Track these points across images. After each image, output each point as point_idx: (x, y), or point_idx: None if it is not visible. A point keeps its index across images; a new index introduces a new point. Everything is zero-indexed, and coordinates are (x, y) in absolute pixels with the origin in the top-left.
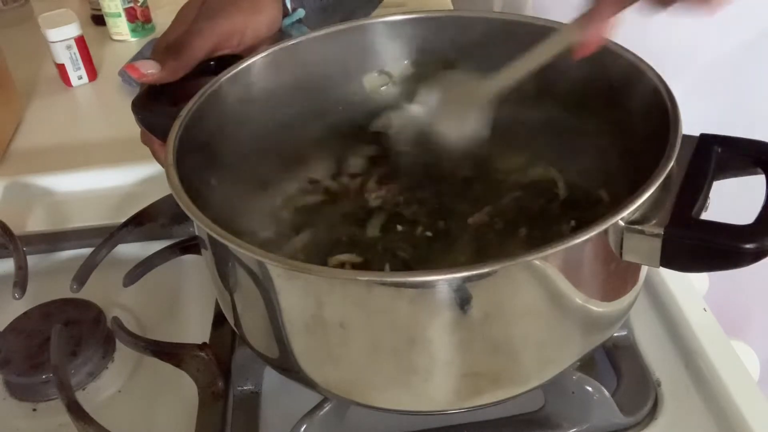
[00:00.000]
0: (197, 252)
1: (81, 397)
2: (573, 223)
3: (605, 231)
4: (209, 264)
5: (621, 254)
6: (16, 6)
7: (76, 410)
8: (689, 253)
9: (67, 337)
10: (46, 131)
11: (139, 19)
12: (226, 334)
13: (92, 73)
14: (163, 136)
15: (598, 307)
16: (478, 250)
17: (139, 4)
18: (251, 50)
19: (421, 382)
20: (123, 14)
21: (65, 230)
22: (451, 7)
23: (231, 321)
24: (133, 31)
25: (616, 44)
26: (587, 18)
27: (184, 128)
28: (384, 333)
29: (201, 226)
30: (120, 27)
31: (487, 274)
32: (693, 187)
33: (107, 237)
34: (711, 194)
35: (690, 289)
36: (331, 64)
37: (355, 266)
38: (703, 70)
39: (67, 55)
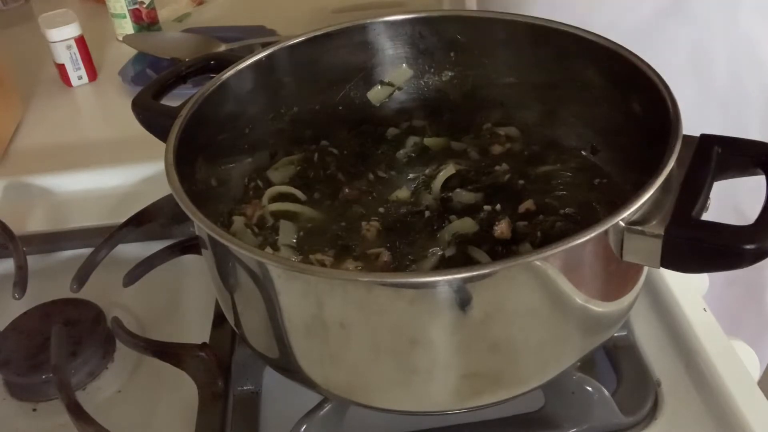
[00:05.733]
0: (197, 252)
1: (81, 397)
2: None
3: (605, 232)
4: (209, 264)
5: (621, 255)
6: (16, 6)
7: (76, 410)
8: (689, 253)
9: (67, 337)
10: (46, 131)
11: (145, 20)
12: (226, 334)
13: (92, 73)
14: (163, 136)
15: (598, 308)
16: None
17: (144, 6)
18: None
19: (422, 382)
20: (128, 15)
21: (65, 230)
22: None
23: (231, 321)
24: (139, 32)
25: (616, 44)
26: None
27: (184, 128)
28: (384, 333)
29: (201, 226)
30: (125, 28)
31: (488, 275)
32: (693, 188)
33: (107, 237)
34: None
35: (690, 289)
36: (331, 64)
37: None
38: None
39: (67, 55)
